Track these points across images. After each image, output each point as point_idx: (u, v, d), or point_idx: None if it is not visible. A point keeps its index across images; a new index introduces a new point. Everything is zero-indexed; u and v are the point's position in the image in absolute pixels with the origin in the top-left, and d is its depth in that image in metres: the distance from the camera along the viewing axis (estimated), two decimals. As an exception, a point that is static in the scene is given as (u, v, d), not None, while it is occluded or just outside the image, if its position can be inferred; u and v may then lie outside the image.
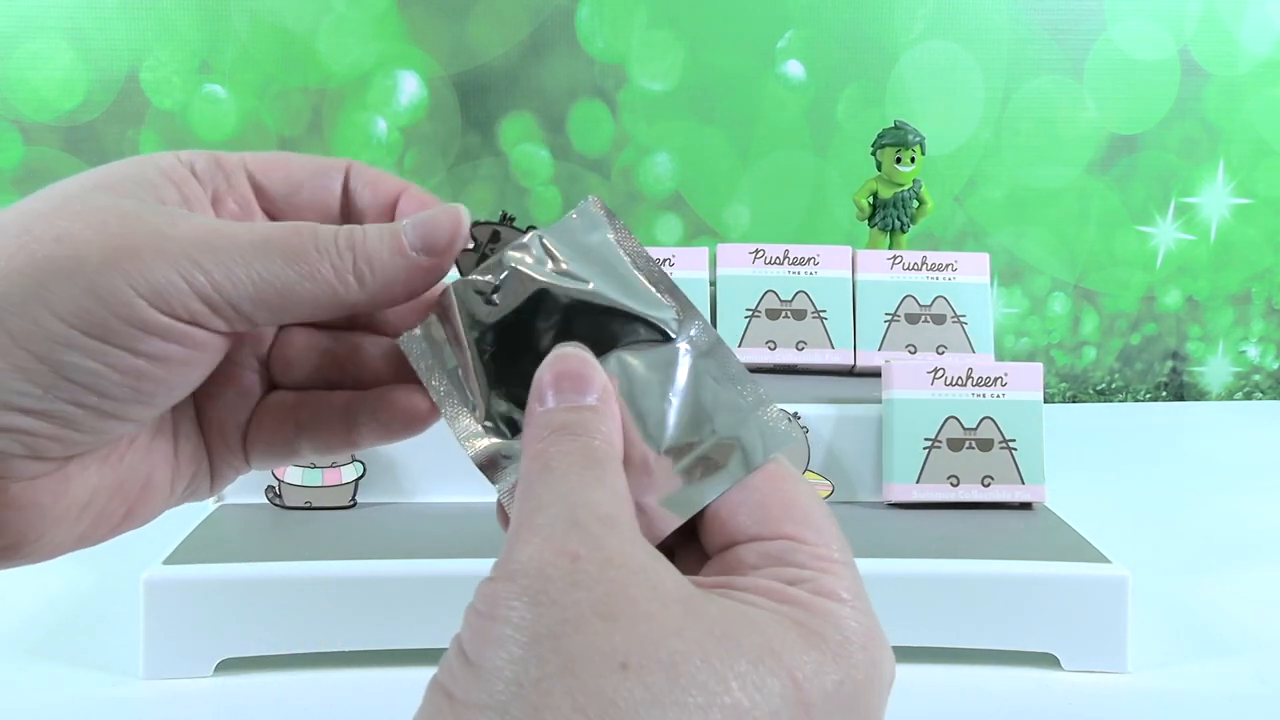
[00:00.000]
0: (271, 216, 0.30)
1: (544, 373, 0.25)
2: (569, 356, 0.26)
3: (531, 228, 0.27)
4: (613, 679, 0.19)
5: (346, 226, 0.27)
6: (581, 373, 0.25)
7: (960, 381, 0.64)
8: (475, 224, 0.28)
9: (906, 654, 0.54)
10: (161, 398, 0.26)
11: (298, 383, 0.31)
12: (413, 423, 0.29)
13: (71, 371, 0.24)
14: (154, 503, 0.29)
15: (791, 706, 0.20)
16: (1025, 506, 0.64)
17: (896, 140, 0.78)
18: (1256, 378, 1.23)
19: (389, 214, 0.30)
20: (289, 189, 0.30)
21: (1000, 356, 1.15)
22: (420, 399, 0.29)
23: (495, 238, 0.28)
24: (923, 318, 0.74)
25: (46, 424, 0.25)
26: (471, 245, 0.29)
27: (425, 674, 0.19)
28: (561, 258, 0.27)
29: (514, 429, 0.27)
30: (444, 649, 0.55)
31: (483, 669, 0.20)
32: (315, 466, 0.63)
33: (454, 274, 0.28)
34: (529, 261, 0.27)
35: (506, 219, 0.29)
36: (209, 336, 0.26)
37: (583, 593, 0.20)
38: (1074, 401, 1.20)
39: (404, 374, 0.30)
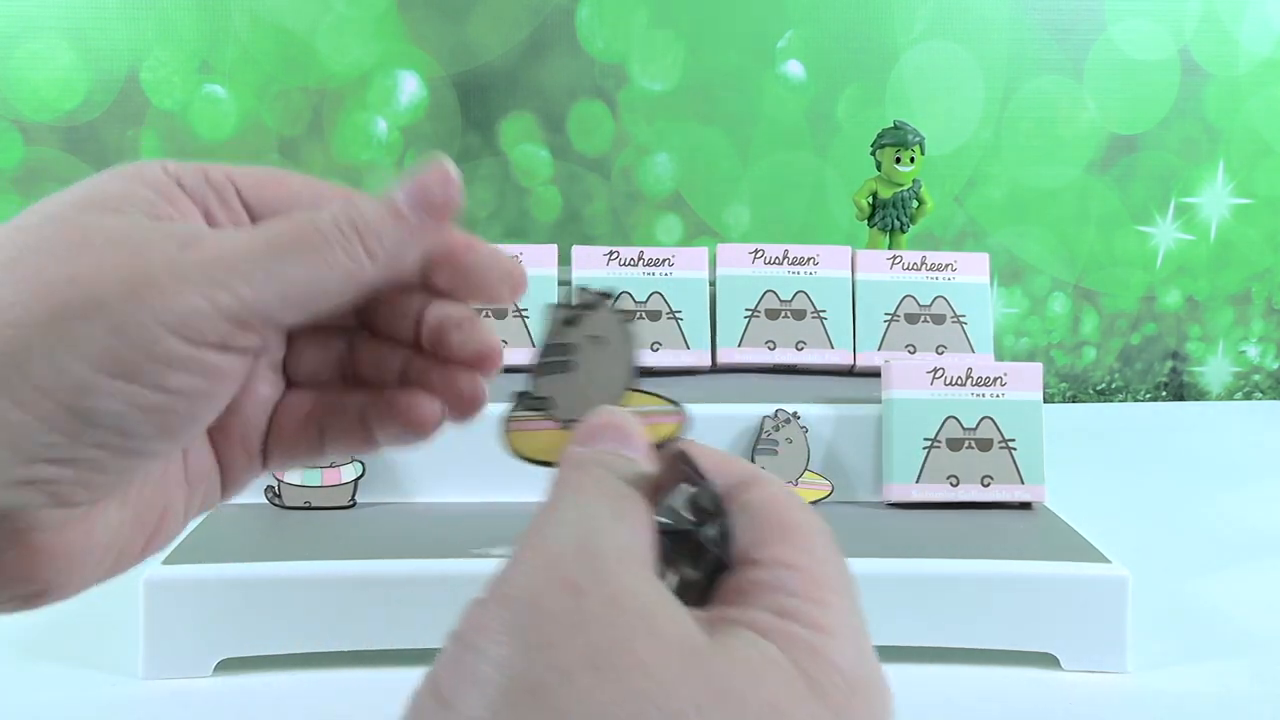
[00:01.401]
0: None
1: (591, 419, 0.25)
2: (616, 414, 0.26)
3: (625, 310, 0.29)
4: None
5: (340, 204, 0.27)
6: (626, 427, 0.25)
7: (960, 381, 0.64)
8: (580, 289, 0.29)
9: (907, 654, 0.54)
10: (187, 429, 0.26)
11: (314, 383, 0.31)
12: (420, 428, 0.29)
13: (99, 416, 0.24)
14: (171, 528, 0.29)
15: None
16: (1025, 506, 0.64)
17: (896, 140, 0.78)
18: (1256, 378, 1.23)
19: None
20: (281, 211, 0.29)
21: (1000, 356, 1.15)
22: (428, 405, 0.29)
23: (593, 305, 0.28)
24: (922, 318, 0.74)
25: (72, 470, 0.24)
26: (571, 303, 0.29)
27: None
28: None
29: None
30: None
31: (456, 711, 0.19)
32: (315, 467, 0.64)
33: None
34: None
35: (608, 294, 0.29)
36: (234, 361, 0.26)
37: (580, 637, 0.19)
38: (1074, 401, 1.20)
39: (412, 377, 0.30)
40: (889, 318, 0.74)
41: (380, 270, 0.27)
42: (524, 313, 0.72)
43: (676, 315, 0.73)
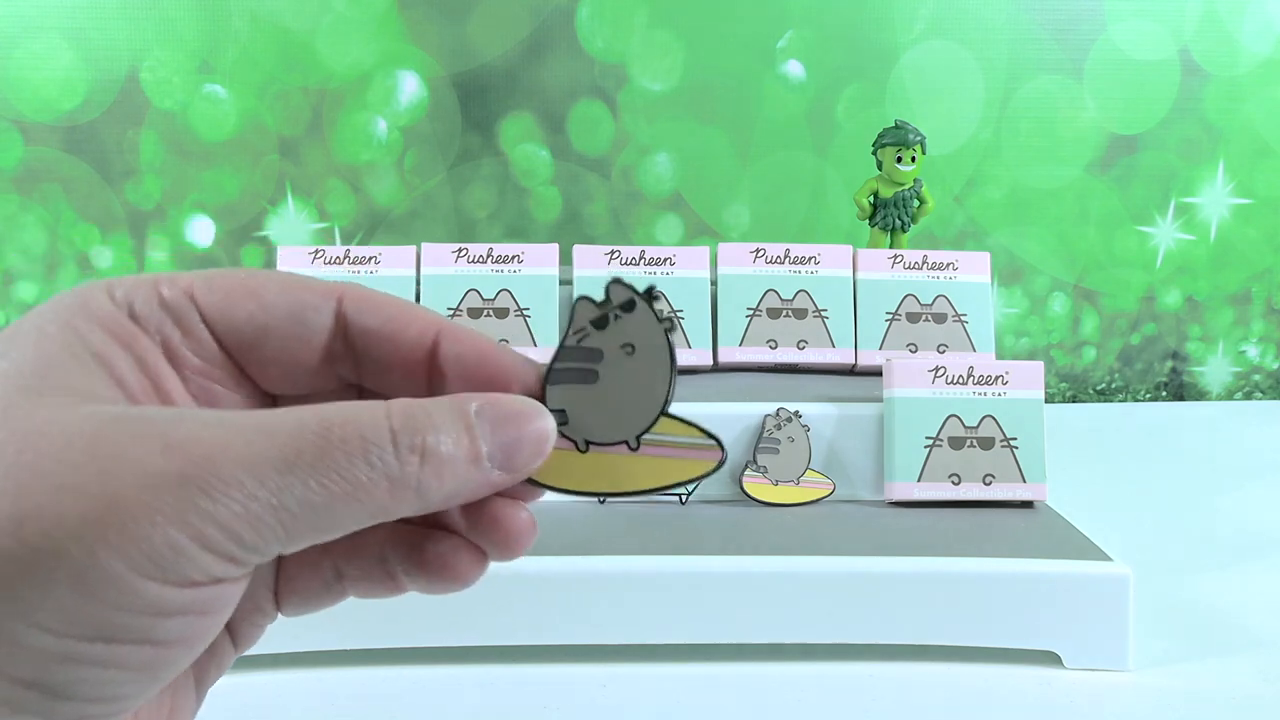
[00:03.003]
0: (233, 363, 0.24)
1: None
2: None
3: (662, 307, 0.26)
4: None
5: (403, 419, 0.21)
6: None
7: (961, 380, 0.64)
8: (616, 282, 0.25)
9: (908, 652, 0.54)
10: (185, 662, 0.22)
11: None
12: (453, 580, 0.25)
13: (75, 689, 0.19)
14: (186, 711, 0.26)
15: None
16: (1026, 505, 0.64)
17: (897, 140, 0.78)
18: (1256, 378, 1.23)
19: (415, 371, 0.24)
20: (254, 333, 0.24)
21: (1000, 357, 1.15)
22: (462, 555, 0.24)
23: (629, 306, 0.24)
24: (924, 317, 0.74)
25: None
26: (602, 300, 0.25)
27: (429, 671, 0.19)
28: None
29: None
30: (447, 647, 0.55)
31: None
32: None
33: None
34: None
35: (651, 295, 0.25)
36: (232, 587, 0.21)
37: None
38: (1074, 401, 1.20)
39: (436, 514, 0.25)
40: (890, 317, 0.74)
41: (422, 509, 0.22)
42: (525, 312, 0.72)
43: (679, 314, 0.73)
